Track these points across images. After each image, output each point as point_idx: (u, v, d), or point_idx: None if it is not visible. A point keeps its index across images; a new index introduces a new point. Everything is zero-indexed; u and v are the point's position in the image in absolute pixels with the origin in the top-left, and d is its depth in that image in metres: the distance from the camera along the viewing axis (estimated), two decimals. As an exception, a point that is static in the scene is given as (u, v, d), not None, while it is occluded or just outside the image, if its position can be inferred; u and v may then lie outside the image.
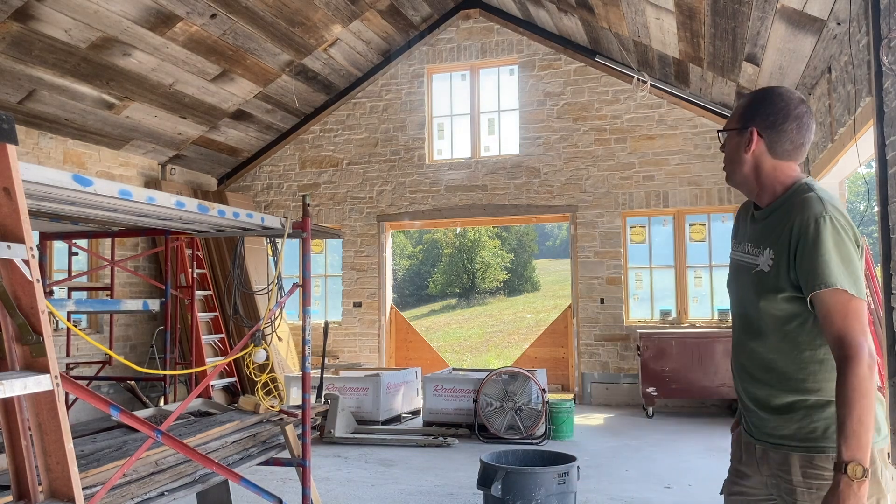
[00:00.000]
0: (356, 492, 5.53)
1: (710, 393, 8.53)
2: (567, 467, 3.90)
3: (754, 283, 1.99)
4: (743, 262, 2.08)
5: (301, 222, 4.00)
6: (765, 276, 1.96)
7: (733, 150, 2.06)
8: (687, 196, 9.48)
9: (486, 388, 7.51)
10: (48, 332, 1.92)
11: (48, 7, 6.84)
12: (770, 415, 1.98)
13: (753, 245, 2.04)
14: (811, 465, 1.90)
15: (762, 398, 2.00)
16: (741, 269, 2.09)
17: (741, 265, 2.09)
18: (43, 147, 8.50)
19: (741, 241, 2.13)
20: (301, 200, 7.06)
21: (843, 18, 5.63)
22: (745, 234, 2.11)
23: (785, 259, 1.90)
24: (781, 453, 1.96)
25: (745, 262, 2.06)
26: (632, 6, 7.74)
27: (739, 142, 2.04)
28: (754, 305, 2.00)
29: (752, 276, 2.01)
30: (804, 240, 1.85)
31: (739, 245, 2.13)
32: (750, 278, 2.02)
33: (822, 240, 1.83)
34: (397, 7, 9.72)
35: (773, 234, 1.96)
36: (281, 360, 9.58)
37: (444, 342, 23.58)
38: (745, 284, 2.06)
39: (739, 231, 2.18)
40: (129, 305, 4.72)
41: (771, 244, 1.96)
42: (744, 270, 2.07)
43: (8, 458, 1.95)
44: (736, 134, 2.05)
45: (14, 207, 1.92)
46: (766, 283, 1.95)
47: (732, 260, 2.17)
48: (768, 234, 1.98)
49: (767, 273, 1.95)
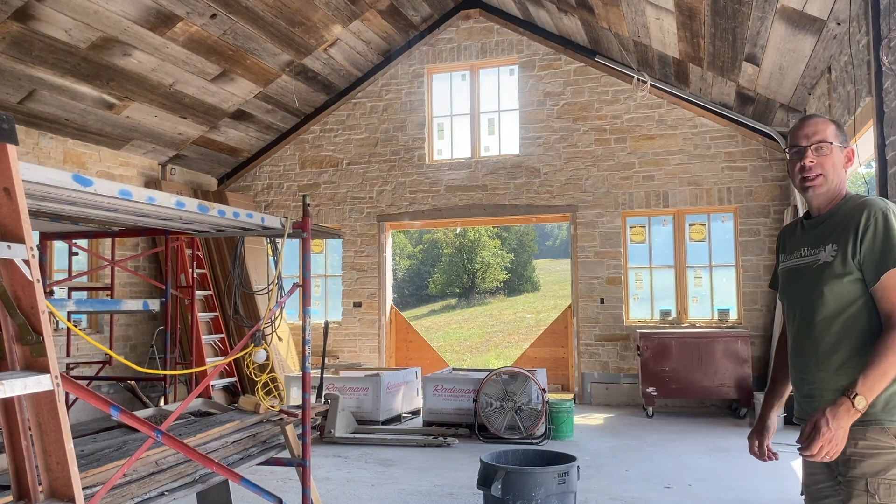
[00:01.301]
0: (356, 492, 5.53)
1: (710, 393, 8.52)
2: (567, 467, 3.90)
3: (817, 275, 2.22)
4: (799, 265, 2.32)
5: (301, 222, 4.00)
6: (828, 266, 2.19)
7: (838, 163, 2.27)
8: (687, 196, 9.48)
9: (486, 388, 7.51)
10: (48, 332, 1.92)
11: (48, 7, 6.84)
12: (834, 396, 2.10)
13: (810, 247, 2.29)
14: (865, 437, 2.07)
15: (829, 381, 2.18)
16: (797, 272, 2.33)
17: (797, 269, 2.33)
18: (43, 147, 8.50)
19: (792, 250, 2.39)
20: (301, 200, 7.06)
21: (843, 18, 5.64)
22: (797, 243, 2.36)
23: (851, 247, 2.14)
24: None
25: (803, 264, 2.30)
26: (632, 6, 7.74)
27: (841, 157, 2.28)
28: (818, 294, 2.21)
29: (813, 270, 2.25)
30: (874, 228, 2.11)
31: (791, 255, 2.39)
32: (811, 273, 2.25)
33: (890, 227, 2.10)
34: (397, 7, 9.73)
35: (834, 231, 2.21)
36: (281, 360, 9.59)
37: (444, 342, 23.57)
38: (804, 281, 2.28)
39: (788, 245, 2.44)
40: (129, 305, 4.72)
41: (833, 239, 2.20)
42: (801, 272, 2.31)
43: (8, 457, 1.95)
44: (839, 150, 2.28)
45: (14, 207, 1.92)
46: (830, 271, 2.18)
47: (784, 271, 2.42)
48: (828, 232, 2.24)
49: (831, 263, 2.18)
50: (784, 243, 2.47)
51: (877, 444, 2.05)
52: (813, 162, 2.25)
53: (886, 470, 2.03)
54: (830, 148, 2.24)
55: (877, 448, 2.05)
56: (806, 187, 2.28)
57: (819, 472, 2.25)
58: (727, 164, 9.35)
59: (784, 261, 2.43)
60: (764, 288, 9.10)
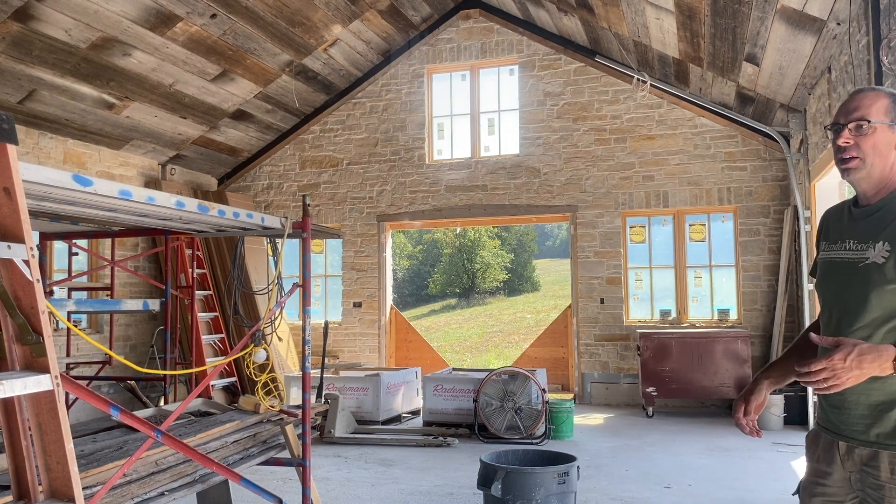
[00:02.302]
0: (356, 492, 5.53)
1: (710, 393, 8.52)
2: (567, 467, 3.90)
3: (864, 276, 1.97)
4: (843, 259, 2.07)
5: (301, 222, 4.00)
6: (879, 269, 1.94)
7: (883, 144, 1.99)
8: (687, 196, 9.48)
9: (486, 388, 7.51)
10: (48, 332, 1.91)
11: (48, 7, 6.84)
12: (867, 411, 1.96)
13: (857, 241, 2.03)
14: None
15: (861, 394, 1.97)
16: (841, 266, 2.08)
17: (840, 263, 2.08)
18: (43, 147, 8.50)
19: (836, 240, 2.12)
20: (301, 200, 7.07)
21: (843, 18, 5.64)
22: (842, 232, 2.11)
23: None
24: (871, 450, 1.96)
25: (848, 259, 2.04)
26: (632, 6, 7.74)
27: (890, 137, 2.00)
28: (862, 298, 1.98)
29: (860, 270, 1.99)
30: None
31: (834, 244, 2.12)
32: (857, 273, 2.00)
33: None
34: (397, 7, 9.73)
35: (888, 227, 1.96)
36: (281, 360, 9.58)
37: (444, 342, 23.57)
38: (846, 280, 2.04)
39: (832, 232, 2.17)
40: (129, 305, 4.73)
41: (886, 237, 1.95)
42: (845, 267, 2.05)
43: (8, 458, 1.95)
44: (888, 129, 2.00)
45: (14, 207, 1.92)
46: (881, 275, 1.93)
47: (825, 261, 2.16)
48: (880, 227, 1.98)
49: (882, 265, 1.93)
50: (828, 229, 2.20)
51: None
52: (848, 142, 1.99)
53: None
54: (872, 127, 1.97)
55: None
56: (843, 170, 2.03)
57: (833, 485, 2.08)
58: (727, 164, 9.35)
59: (826, 249, 2.16)
60: (764, 288, 9.10)
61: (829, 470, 2.08)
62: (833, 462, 2.07)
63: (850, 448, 2.01)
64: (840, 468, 2.05)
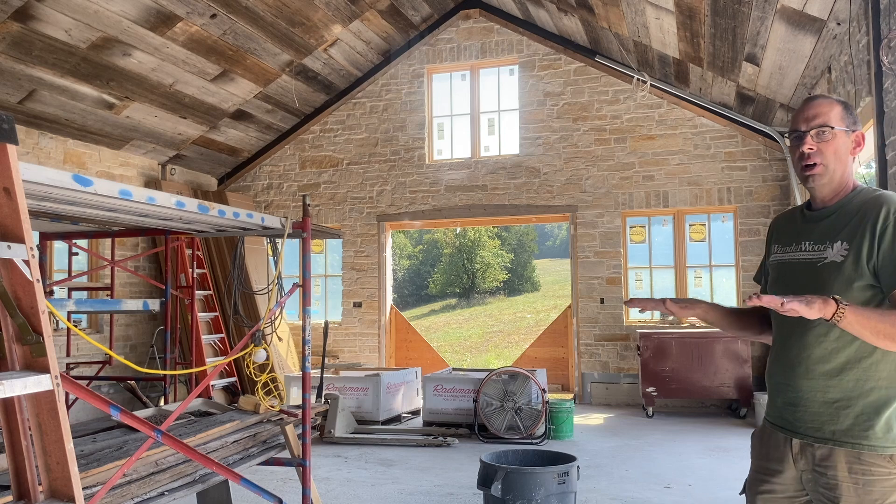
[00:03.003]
0: (356, 492, 5.53)
1: (710, 393, 8.52)
2: (567, 467, 3.90)
3: (823, 275, 2.00)
4: (800, 259, 2.10)
5: (301, 222, 4.00)
6: (837, 267, 1.97)
7: (842, 150, 2.06)
8: (687, 196, 9.48)
9: (486, 388, 7.51)
10: (48, 332, 1.92)
11: (48, 7, 6.84)
12: (825, 409, 1.98)
13: (814, 242, 2.06)
14: (859, 460, 1.91)
15: (819, 392, 1.99)
16: (797, 267, 2.10)
17: (797, 263, 2.11)
18: (43, 147, 8.50)
19: (790, 242, 2.16)
20: (301, 200, 7.07)
21: (843, 18, 5.64)
22: (797, 235, 2.14)
23: (866, 248, 1.93)
24: (827, 448, 1.96)
25: (805, 259, 2.08)
26: (632, 6, 7.74)
27: (847, 143, 2.07)
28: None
29: (818, 269, 2.02)
30: (893, 228, 1.90)
31: (789, 247, 2.16)
32: (816, 272, 2.03)
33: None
34: (397, 7, 9.73)
35: (845, 228, 2.00)
36: (281, 360, 9.59)
37: (444, 342, 23.57)
38: (804, 279, 2.06)
39: (784, 235, 2.20)
40: (129, 305, 4.72)
41: (844, 237, 1.99)
42: (803, 267, 2.08)
43: (8, 457, 1.95)
44: (844, 134, 2.06)
45: (14, 207, 1.92)
46: (839, 273, 1.97)
47: (778, 263, 2.19)
48: (837, 228, 2.02)
49: (841, 264, 1.97)
50: (779, 233, 2.25)
51: (872, 471, 1.89)
52: (812, 149, 2.04)
53: (884, 498, 1.87)
54: (833, 133, 2.03)
55: (872, 474, 1.89)
56: (806, 176, 2.07)
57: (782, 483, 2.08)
58: (727, 164, 9.35)
59: (777, 252, 2.20)
60: (764, 288, 9.10)
61: (780, 468, 2.08)
62: (784, 460, 2.06)
63: (803, 446, 2.02)
64: (792, 466, 2.05)
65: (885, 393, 1.93)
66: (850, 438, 1.93)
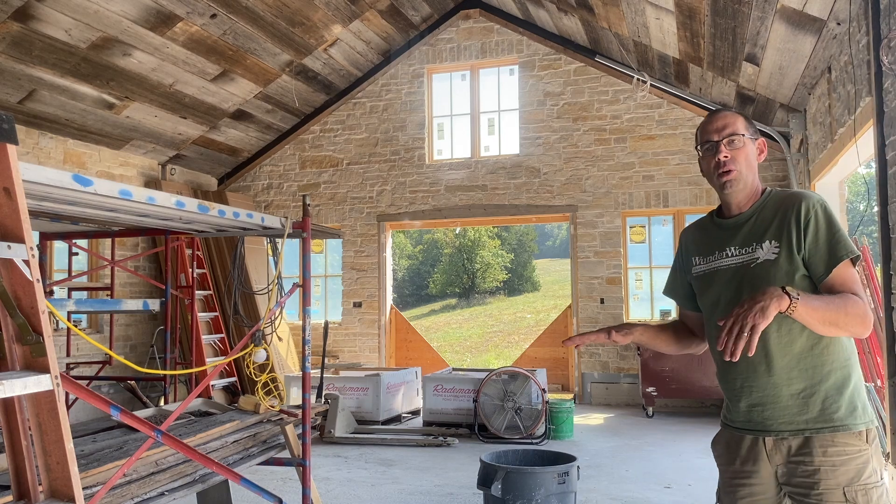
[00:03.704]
0: (356, 492, 5.53)
1: (710, 393, 8.52)
2: (567, 467, 3.90)
3: (760, 274, 2.06)
4: (729, 265, 2.15)
5: (301, 222, 4.00)
6: (773, 263, 2.05)
7: (752, 156, 2.16)
8: (687, 196, 9.48)
9: (486, 388, 7.51)
10: (48, 332, 1.92)
11: (48, 7, 6.84)
12: (789, 402, 2.03)
13: (740, 246, 2.13)
14: (833, 442, 1.97)
15: (782, 386, 2.04)
16: (727, 272, 2.15)
17: (726, 269, 2.15)
18: (43, 147, 8.50)
19: (711, 251, 2.21)
20: (301, 200, 7.07)
21: (843, 18, 5.64)
22: (719, 243, 2.19)
23: (795, 240, 2.02)
24: (801, 438, 2.01)
25: (734, 264, 2.13)
26: (632, 6, 7.74)
27: (754, 149, 2.17)
28: None
29: (752, 269, 2.08)
30: (815, 221, 2.01)
31: (711, 256, 2.21)
32: (751, 273, 2.08)
33: (832, 218, 2.02)
34: (397, 7, 9.73)
35: (769, 227, 2.08)
36: (281, 360, 9.59)
37: (444, 342, 23.57)
38: (741, 282, 2.10)
39: (701, 247, 2.25)
40: (129, 305, 4.72)
41: (771, 235, 2.07)
42: (734, 272, 2.13)
43: (8, 457, 1.95)
44: (751, 142, 2.16)
45: (14, 207, 1.92)
46: (776, 269, 2.04)
47: (704, 273, 2.22)
48: (761, 229, 2.10)
49: (775, 260, 2.04)
50: (695, 245, 2.28)
51: (846, 450, 1.96)
52: (727, 156, 2.12)
53: (860, 474, 1.94)
54: (743, 140, 2.13)
55: (846, 454, 1.96)
56: (723, 183, 2.13)
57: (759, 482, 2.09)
58: (727, 164, 9.34)
59: (700, 264, 2.23)
60: (764, 288, 9.10)
61: (755, 468, 2.10)
62: (759, 460, 2.10)
63: (777, 442, 2.06)
64: (766, 464, 2.08)
65: (842, 373, 2.02)
66: (822, 424, 1.99)
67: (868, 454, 1.97)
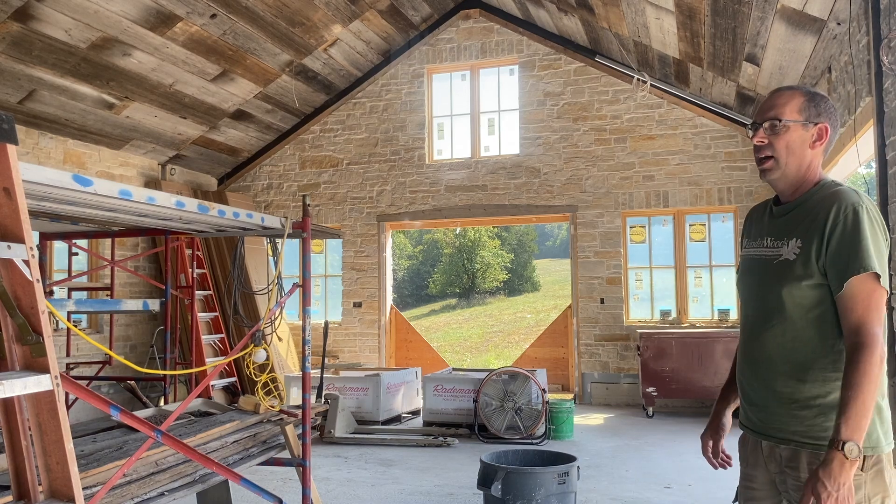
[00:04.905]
0: (356, 492, 5.53)
1: (710, 393, 8.51)
2: (567, 467, 3.90)
3: (776, 273, 1.98)
4: (760, 256, 2.07)
5: (301, 222, 4.00)
6: (789, 265, 1.95)
7: (797, 143, 1.99)
8: (687, 196, 9.48)
9: (486, 388, 7.51)
10: (48, 332, 1.91)
11: (48, 7, 6.84)
12: (785, 409, 1.96)
13: (774, 238, 2.03)
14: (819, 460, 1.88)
15: (778, 391, 1.97)
16: (758, 263, 2.08)
17: (758, 260, 2.08)
18: (43, 147, 8.50)
19: (756, 237, 2.12)
20: (301, 200, 7.06)
21: (843, 18, 5.63)
22: (762, 230, 2.10)
23: (816, 246, 1.89)
24: (790, 449, 1.95)
25: (764, 256, 2.05)
26: (632, 6, 7.74)
27: (804, 136, 2.00)
28: (776, 295, 1.97)
29: (773, 266, 2.00)
30: (842, 227, 1.86)
31: (754, 242, 2.12)
32: (771, 269, 2.01)
33: (861, 227, 1.84)
34: (397, 7, 9.72)
35: (800, 225, 1.96)
36: (281, 360, 9.59)
37: (444, 342, 23.57)
38: (763, 277, 2.04)
39: (753, 230, 2.17)
40: (129, 305, 4.72)
41: (799, 234, 1.95)
42: (761, 264, 2.06)
43: (8, 458, 1.95)
44: (801, 127, 1.99)
45: (14, 207, 1.92)
46: (791, 271, 1.94)
47: (745, 258, 2.16)
48: (794, 225, 1.99)
49: (793, 261, 1.94)
50: (751, 227, 2.20)
51: None
52: (763, 141, 2.00)
53: None
54: (785, 126, 1.97)
55: None
56: (761, 171, 2.05)
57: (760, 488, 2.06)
58: (727, 164, 9.35)
59: (746, 246, 2.16)
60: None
61: (755, 472, 2.07)
62: (758, 464, 2.06)
63: (772, 448, 2.00)
64: (764, 469, 2.04)
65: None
66: (811, 439, 1.91)
67: (859, 481, 1.82)
